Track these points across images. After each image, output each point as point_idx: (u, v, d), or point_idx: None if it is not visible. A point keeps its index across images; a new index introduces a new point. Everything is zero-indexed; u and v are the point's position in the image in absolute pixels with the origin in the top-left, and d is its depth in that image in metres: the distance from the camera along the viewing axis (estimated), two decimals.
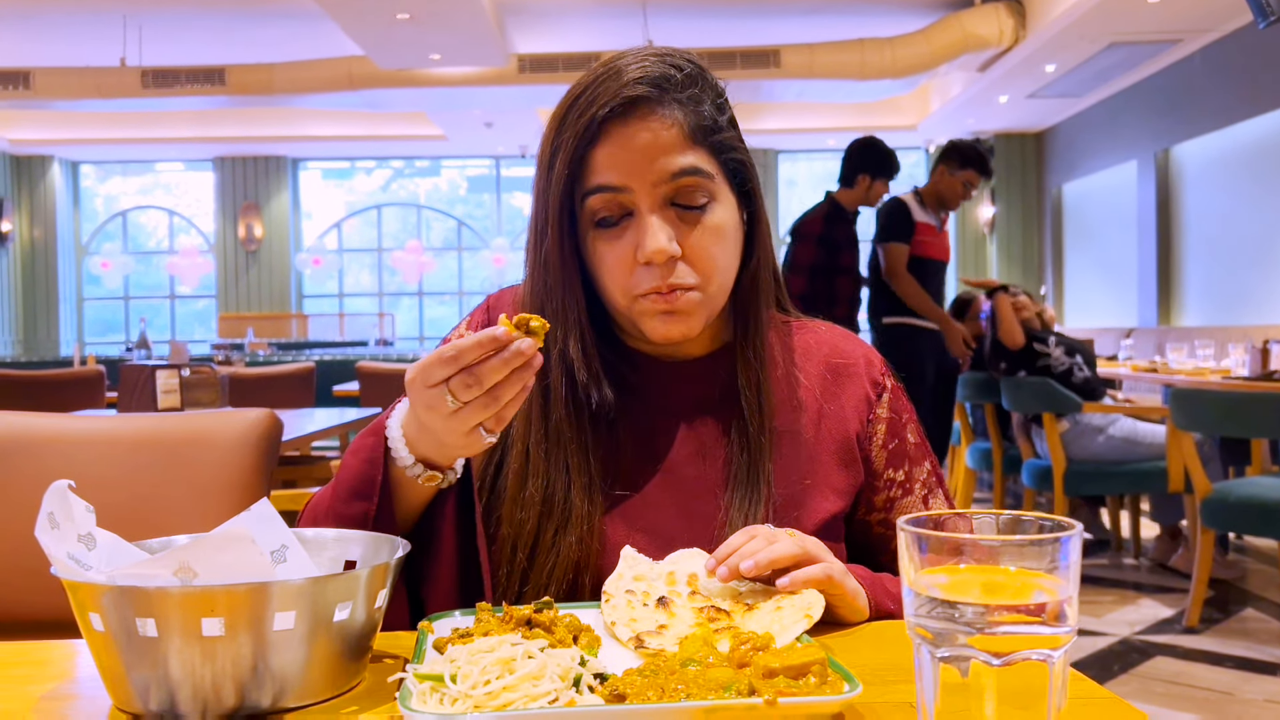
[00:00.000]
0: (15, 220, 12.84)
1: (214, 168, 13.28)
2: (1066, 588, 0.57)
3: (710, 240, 1.04)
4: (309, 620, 0.72)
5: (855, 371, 1.15)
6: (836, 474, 1.10)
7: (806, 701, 0.67)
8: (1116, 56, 8.49)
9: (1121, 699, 0.74)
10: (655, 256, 1.00)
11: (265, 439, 1.73)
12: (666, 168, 1.01)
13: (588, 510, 1.03)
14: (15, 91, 9.45)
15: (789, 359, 1.14)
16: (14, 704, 0.77)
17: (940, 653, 0.57)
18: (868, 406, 1.14)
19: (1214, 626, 3.79)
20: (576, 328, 1.05)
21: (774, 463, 1.07)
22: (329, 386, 5.96)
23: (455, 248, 14.00)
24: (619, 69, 1.02)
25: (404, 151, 13.49)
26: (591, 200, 1.02)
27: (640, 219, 1.02)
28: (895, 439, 1.14)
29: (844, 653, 0.85)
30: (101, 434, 1.71)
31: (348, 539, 0.90)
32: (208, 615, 0.69)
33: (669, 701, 0.67)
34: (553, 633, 0.81)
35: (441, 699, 0.68)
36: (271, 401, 4.49)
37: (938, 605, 0.58)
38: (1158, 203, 9.10)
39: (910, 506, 1.14)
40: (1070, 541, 0.57)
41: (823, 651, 0.73)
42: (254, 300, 13.28)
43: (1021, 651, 0.56)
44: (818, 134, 12.23)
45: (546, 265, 1.05)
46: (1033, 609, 0.57)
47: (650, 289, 1.02)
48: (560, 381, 1.06)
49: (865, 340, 1.21)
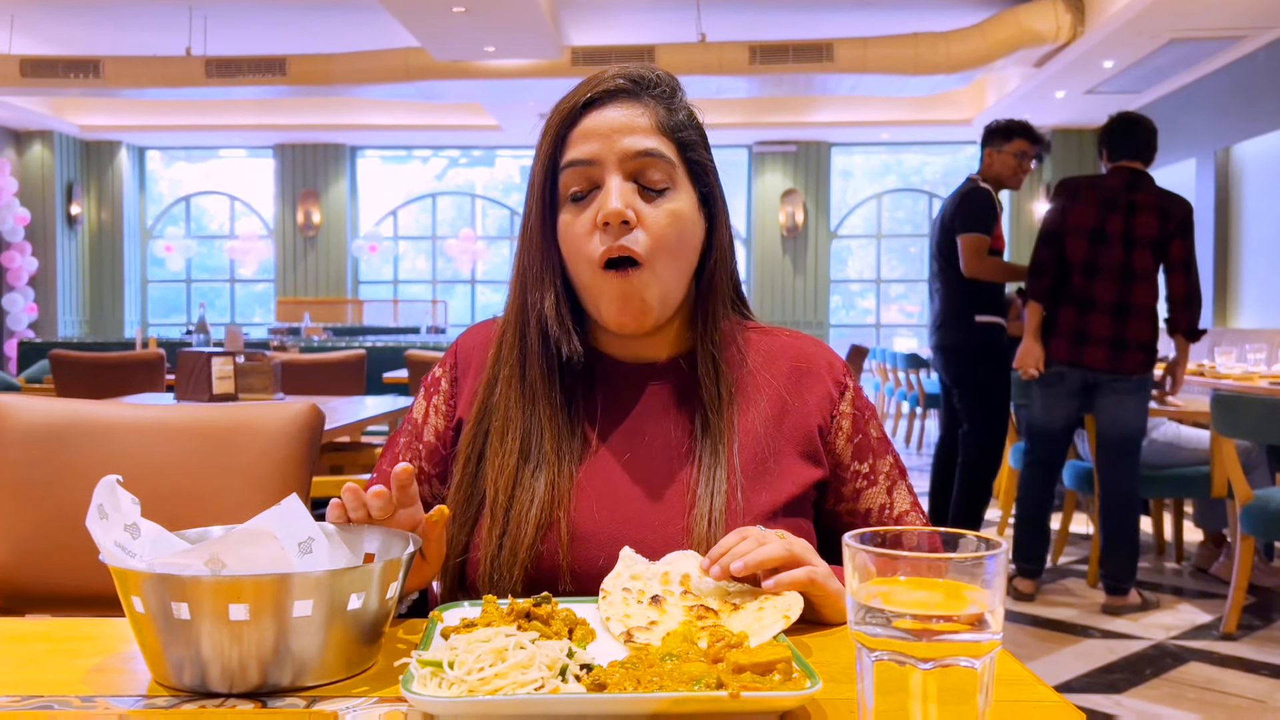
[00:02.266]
0: (84, 203, 13.22)
1: (274, 155, 13.55)
2: (992, 600, 0.63)
3: (665, 219, 1.14)
4: (325, 608, 0.81)
5: (818, 371, 1.25)
6: (798, 463, 1.19)
7: (767, 696, 0.74)
8: (1177, 53, 8.35)
9: (1070, 703, 0.79)
10: (611, 216, 1.11)
11: (308, 429, 1.81)
12: (633, 145, 1.13)
13: (557, 457, 1.15)
14: (86, 80, 9.74)
15: (755, 360, 1.24)
16: (65, 675, 0.86)
17: (875, 655, 0.64)
18: (830, 404, 1.23)
19: (1252, 634, 3.77)
20: (552, 290, 1.17)
21: (740, 449, 1.16)
22: (379, 373, 6.10)
23: (508, 236, 14.15)
24: (605, 71, 1.18)
25: (459, 141, 13.65)
26: (565, 175, 1.15)
27: (605, 186, 1.13)
28: (859, 434, 1.23)
29: (819, 651, 0.91)
30: (154, 421, 1.79)
31: (369, 533, 0.98)
32: (234, 601, 0.78)
33: (643, 692, 0.74)
34: (550, 625, 0.89)
35: (440, 683, 0.76)
36: (323, 388, 4.62)
37: (876, 613, 0.64)
38: (1216, 202, 8.95)
39: (875, 496, 1.23)
40: (996, 559, 0.63)
41: (789, 650, 0.80)
42: (311, 285, 13.54)
43: (950, 657, 0.62)
44: (871, 127, 12.17)
45: (529, 238, 1.18)
46: (961, 619, 0.63)
47: (605, 252, 1.12)
48: (536, 341, 1.17)
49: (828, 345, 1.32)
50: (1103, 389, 4.04)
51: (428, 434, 1.25)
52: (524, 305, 1.18)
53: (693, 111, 1.21)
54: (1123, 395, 4.03)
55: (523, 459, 1.15)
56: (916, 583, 0.64)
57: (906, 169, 13.72)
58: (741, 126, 12.35)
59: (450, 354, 1.30)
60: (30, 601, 1.64)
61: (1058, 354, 4.06)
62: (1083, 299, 4.02)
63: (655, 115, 1.16)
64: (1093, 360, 4.01)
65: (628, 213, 1.11)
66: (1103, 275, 4.00)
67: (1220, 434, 3.69)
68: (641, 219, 1.13)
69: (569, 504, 1.13)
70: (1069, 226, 4.04)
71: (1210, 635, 3.75)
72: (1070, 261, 4.05)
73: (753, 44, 9.02)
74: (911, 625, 0.63)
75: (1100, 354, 4.00)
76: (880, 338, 13.33)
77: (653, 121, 1.16)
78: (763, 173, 12.99)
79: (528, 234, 1.18)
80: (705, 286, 1.21)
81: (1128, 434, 4.07)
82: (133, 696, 0.81)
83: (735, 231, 3.19)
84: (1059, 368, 4.08)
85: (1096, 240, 4.00)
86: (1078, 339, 4.02)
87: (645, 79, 1.17)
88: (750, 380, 1.22)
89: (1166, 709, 3.06)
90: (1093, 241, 4.01)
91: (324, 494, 2.49)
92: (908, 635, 0.63)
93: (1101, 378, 4.02)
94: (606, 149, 1.13)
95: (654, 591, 0.99)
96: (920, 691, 0.63)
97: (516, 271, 1.21)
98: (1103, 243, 4.00)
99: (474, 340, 1.29)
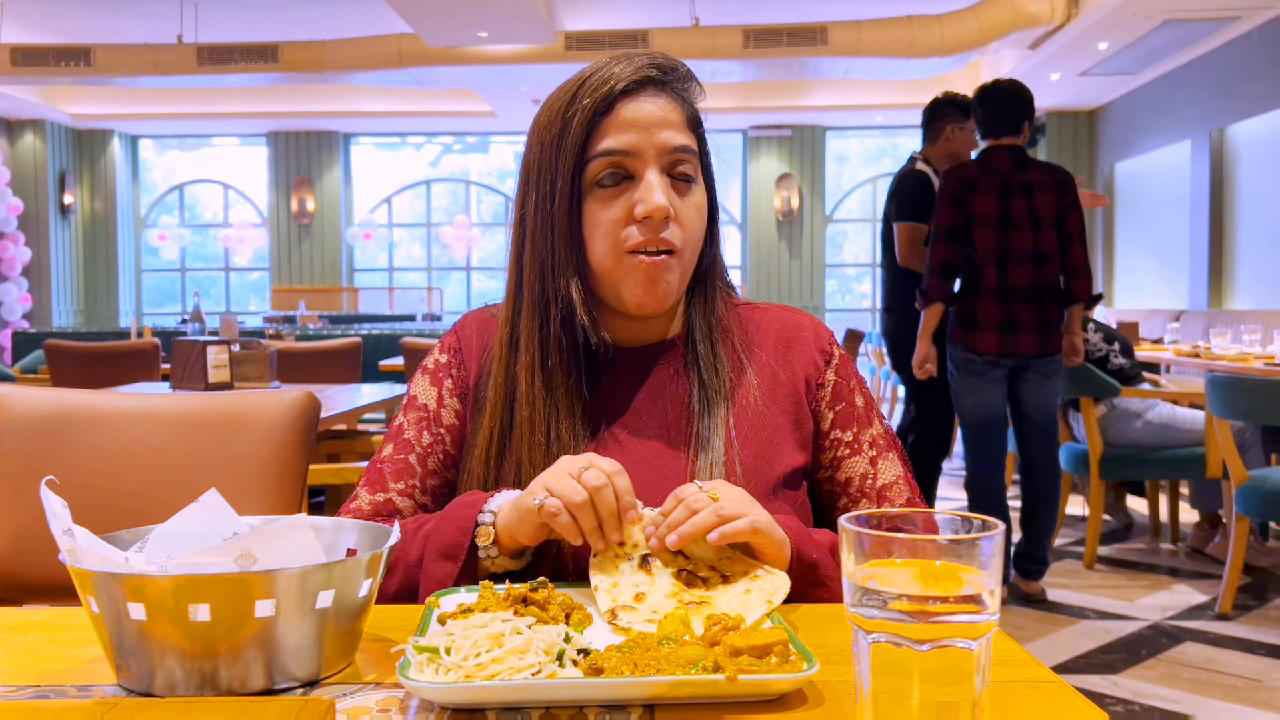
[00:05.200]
0: (77, 193, 13.18)
1: (267, 142, 13.50)
2: (989, 581, 0.63)
3: (693, 213, 1.17)
4: (340, 600, 0.80)
5: (804, 340, 1.26)
6: (793, 431, 1.21)
7: (764, 679, 0.74)
8: (1171, 34, 8.33)
9: (1068, 684, 0.79)
10: (656, 212, 1.12)
11: (304, 418, 1.80)
12: (670, 141, 1.15)
13: (572, 439, 1.16)
14: (77, 68, 9.69)
15: (744, 335, 1.25)
16: (62, 664, 0.86)
17: (872, 637, 0.64)
18: (815, 371, 1.24)
19: (1247, 614, 3.79)
20: (576, 277, 1.16)
21: (738, 424, 1.18)
22: (376, 361, 6.09)
23: (503, 223, 14.12)
24: (630, 55, 1.17)
25: (453, 127, 13.61)
26: (595, 164, 1.14)
27: (643, 180, 1.13)
28: (842, 402, 1.24)
29: (814, 634, 0.92)
30: (150, 411, 1.79)
31: (323, 528, 0.96)
32: (262, 598, 0.76)
33: (640, 675, 0.74)
34: (546, 610, 0.89)
35: (437, 669, 0.76)
36: (319, 376, 4.61)
37: (873, 595, 0.64)
38: (1211, 183, 8.94)
39: (856, 465, 1.23)
40: (992, 541, 0.63)
41: (785, 633, 0.80)
42: (306, 273, 13.52)
43: (947, 639, 0.62)
44: (866, 110, 12.15)
45: (552, 223, 1.16)
46: (957, 599, 0.63)
47: (641, 243, 1.13)
48: (558, 329, 1.17)
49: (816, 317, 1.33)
50: (1029, 372, 3.97)
51: (446, 417, 1.24)
52: (542, 293, 1.17)
53: (698, 96, 1.23)
54: (1048, 376, 3.99)
55: (547, 450, 1.15)
56: (913, 564, 0.64)
57: (901, 153, 13.69)
58: (736, 110, 12.32)
59: (452, 338, 1.30)
60: (28, 591, 1.64)
61: (987, 348, 3.92)
62: (1001, 289, 3.89)
63: (683, 109, 1.18)
64: (1025, 348, 3.91)
65: (674, 207, 1.13)
66: (1015, 262, 3.88)
67: (1216, 415, 3.70)
68: (676, 214, 1.15)
69: None
70: (976, 217, 3.89)
71: (1206, 615, 3.77)
72: (980, 252, 3.90)
73: (746, 28, 8.99)
74: (908, 607, 0.62)
75: (1031, 341, 3.91)
76: (875, 322, 13.34)
77: (682, 115, 1.17)
78: (758, 157, 12.96)
79: (551, 218, 1.16)
80: (705, 269, 1.23)
81: (1052, 413, 4.05)
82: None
83: (730, 216, 3.08)
84: (990, 357, 3.95)
85: (1004, 227, 3.88)
86: (1007, 329, 3.90)
87: (670, 67, 1.18)
88: (744, 357, 1.23)
89: (1163, 689, 3.08)
90: (1001, 230, 3.88)
91: (321, 482, 2.48)
92: (904, 617, 0.62)
93: (1031, 362, 3.95)
94: (645, 142, 1.13)
95: (645, 551, 0.99)
96: (917, 673, 0.63)
97: (528, 258, 1.19)
98: (1010, 228, 3.87)
99: (473, 326, 1.29)
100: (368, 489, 1.22)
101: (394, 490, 1.21)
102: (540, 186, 1.17)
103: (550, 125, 1.16)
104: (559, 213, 1.15)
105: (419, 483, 1.22)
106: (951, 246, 3.92)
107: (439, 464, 1.23)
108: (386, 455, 1.24)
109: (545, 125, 1.17)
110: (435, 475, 1.23)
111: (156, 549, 0.88)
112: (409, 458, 1.22)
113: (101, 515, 1.60)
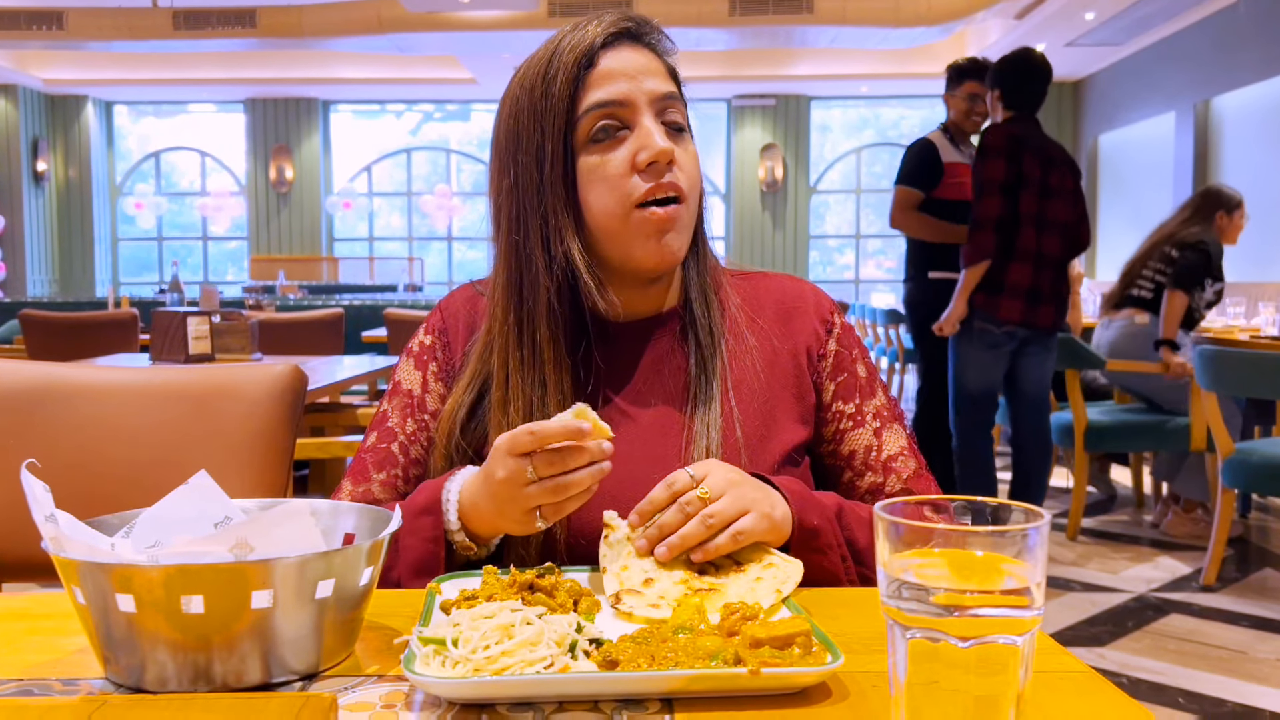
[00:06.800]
0: (51, 160, 12.96)
1: (245, 109, 13.31)
2: (1035, 573, 0.60)
3: (692, 160, 1.14)
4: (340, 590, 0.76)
5: (805, 310, 1.22)
6: (794, 404, 1.17)
7: (789, 672, 0.70)
8: (1158, 4, 8.30)
9: (1098, 673, 0.77)
10: (661, 155, 1.08)
11: (291, 391, 1.75)
12: (659, 88, 1.11)
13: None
14: (49, 31, 9.50)
15: (741, 304, 1.21)
16: (45, 656, 0.81)
17: (910, 633, 0.60)
18: (816, 341, 1.20)
19: (1231, 585, 3.80)
20: (576, 240, 1.11)
21: (736, 398, 1.14)
22: (358, 332, 6.02)
23: (484, 192, 13.96)
24: (598, 15, 1.13)
25: (434, 95, 13.45)
26: (586, 119, 1.09)
27: (641, 127, 1.09)
28: (843, 373, 1.20)
29: (832, 621, 0.88)
30: (132, 385, 1.74)
31: (320, 511, 0.92)
32: (260, 589, 0.72)
33: (659, 669, 0.71)
34: (554, 597, 0.85)
35: (444, 662, 0.72)
36: (301, 348, 4.54)
37: (909, 588, 0.60)
38: (1195, 155, 8.94)
39: (860, 438, 1.19)
40: (1039, 530, 0.60)
41: (808, 623, 0.76)
42: (285, 243, 13.37)
43: (990, 635, 0.59)
44: (851, 80, 12.08)
45: (541, 191, 1.10)
46: (1002, 593, 0.59)
47: (648, 191, 1.08)
48: (550, 300, 1.11)
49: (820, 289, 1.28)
50: (1034, 345, 3.96)
51: (430, 403, 1.20)
52: (531, 265, 1.11)
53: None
54: (1050, 351, 3.99)
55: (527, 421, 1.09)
56: (953, 555, 0.60)
57: (884, 123, 13.65)
58: (720, 79, 12.22)
59: (436, 318, 1.25)
60: (7, 569, 1.60)
61: (1010, 315, 3.87)
62: (1034, 255, 3.87)
63: (662, 60, 1.15)
64: (1044, 319, 3.89)
65: (675, 151, 1.10)
66: (1050, 230, 3.87)
67: (1204, 389, 3.70)
68: (676, 158, 1.11)
69: None
70: (1024, 178, 3.84)
71: (1190, 587, 3.79)
72: (1023, 215, 3.86)
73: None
74: (948, 600, 0.59)
75: (1049, 312, 3.89)
76: (859, 293, 13.33)
77: (663, 66, 1.14)
78: (742, 127, 12.87)
79: (535, 189, 1.10)
80: (698, 229, 1.19)
81: (1048, 387, 4.07)
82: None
83: (714, 186, 2.95)
84: (1009, 328, 3.91)
85: (1045, 195, 3.87)
86: (1031, 298, 3.87)
87: (642, 20, 1.15)
88: (743, 327, 1.19)
89: (1150, 661, 3.08)
90: (1043, 196, 3.86)
91: (306, 456, 2.43)
92: (944, 611, 0.59)
93: (1040, 334, 3.93)
94: (636, 89, 1.09)
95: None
96: (956, 668, 0.60)
97: (515, 231, 1.13)
98: (1050, 196, 3.87)
99: (458, 304, 1.25)
100: (351, 480, 1.18)
101: (376, 481, 1.17)
102: (524, 156, 1.11)
103: (529, 92, 1.11)
104: (552, 177, 1.10)
105: (401, 472, 1.18)
106: (1005, 201, 3.85)
107: (422, 452, 1.19)
108: (370, 444, 1.20)
109: (524, 92, 1.11)
110: (419, 464, 1.19)
111: (144, 534, 0.84)
112: (391, 446, 1.18)
113: (82, 494, 1.55)
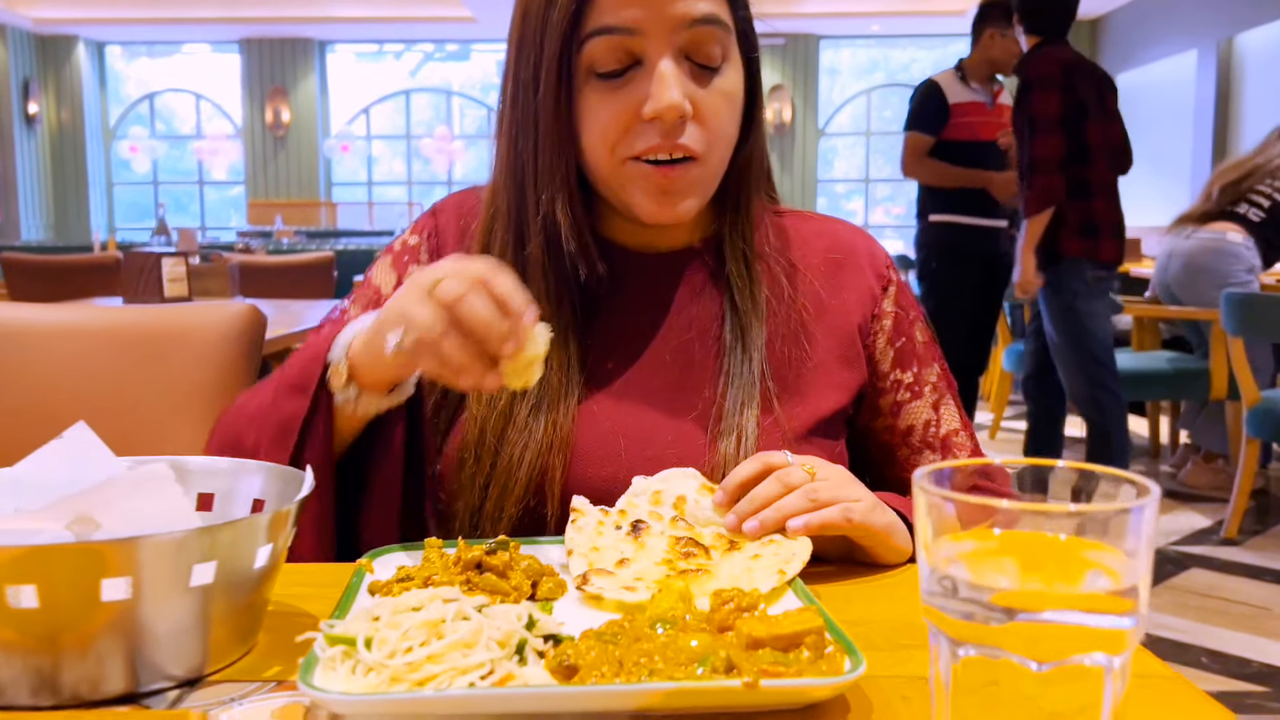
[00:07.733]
0: (42, 102, 12.69)
1: (240, 50, 12.99)
2: (1138, 566, 0.43)
3: (722, 104, 0.92)
4: (226, 573, 0.60)
5: (858, 263, 1.04)
6: (838, 370, 0.99)
7: (797, 684, 0.54)
8: None
9: (1188, 680, 0.61)
10: (668, 112, 0.88)
11: (247, 334, 1.64)
12: (686, 12, 0.88)
13: (564, 391, 0.93)
14: None
15: (784, 249, 1.03)
16: None
17: (962, 651, 0.44)
18: (872, 300, 1.03)
19: (1253, 538, 3.66)
20: (565, 190, 0.93)
21: (770, 356, 0.96)
22: (351, 277, 5.86)
23: (486, 135, 13.72)
24: None
25: (433, 34, 13.11)
26: (592, 45, 0.89)
27: (651, 68, 0.89)
28: (902, 337, 1.03)
29: (853, 608, 0.72)
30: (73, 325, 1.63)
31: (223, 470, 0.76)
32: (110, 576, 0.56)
33: (627, 680, 0.55)
34: (507, 578, 0.69)
35: (353, 667, 0.56)
36: (288, 292, 4.40)
37: (963, 586, 0.44)
38: (1217, 95, 8.67)
39: (920, 411, 1.02)
40: (1144, 510, 0.43)
41: (820, 618, 0.60)
42: (283, 187, 13.13)
43: (1071, 656, 0.43)
44: (861, 18, 11.74)
45: (536, 119, 0.92)
46: (1094, 595, 0.43)
47: (650, 148, 0.89)
48: (541, 252, 0.94)
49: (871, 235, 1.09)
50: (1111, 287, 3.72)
51: None
52: (521, 207, 0.95)
53: None
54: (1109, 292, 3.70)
55: (519, 394, 0.91)
56: (1022, 541, 0.44)
57: (894, 65, 13.31)
58: None
59: (428, 219, 1.07)
60: None
61: (1110, 255, 3.54)
62: (1111, 186, 3.57)
63: None
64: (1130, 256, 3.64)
65: (685, 104, 0.88)
66: (1119, 155, 3.61)
67: (1230, 334, 3.52)
68: (698, 109, 0.90)
69: (573, 442, 0.91)
70: (1084, 106, 3.52)
71: (1211, 540, 3.64)
72: (1092, 146, 3.54)
73: None
74: (1013, 603, 0.43)
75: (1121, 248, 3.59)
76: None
77: None
78: None
79: (532, 114, 0.92)
80: (741, 167, 0.99)
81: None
82: None
83: None
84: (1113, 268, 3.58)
85: (1108, 118, 3.57)
86: (1119, 233, 3.55)
87: None
88: (781, 273, 1.00)
89: (1171, 618, 2.95)
90: (1105, 120, 3.56)
91: None
92: (1007, 617, 0.43)
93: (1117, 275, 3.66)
94: (653, 17, 0.87)
95: (639, 515, 0.80)
96: (1027, 694, 0.44)
97: (509, 164, 0.96)
98: (1110, 120, 3.58)
99: (454, 208, 1.07)
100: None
101: None
102: (520, 69, 0.93)
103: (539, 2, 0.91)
104: (543, 105, 0.91)
105: None
106: (1066, 138, 3.51)
107: None
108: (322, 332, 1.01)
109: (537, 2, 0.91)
110: None
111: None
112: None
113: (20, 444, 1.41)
